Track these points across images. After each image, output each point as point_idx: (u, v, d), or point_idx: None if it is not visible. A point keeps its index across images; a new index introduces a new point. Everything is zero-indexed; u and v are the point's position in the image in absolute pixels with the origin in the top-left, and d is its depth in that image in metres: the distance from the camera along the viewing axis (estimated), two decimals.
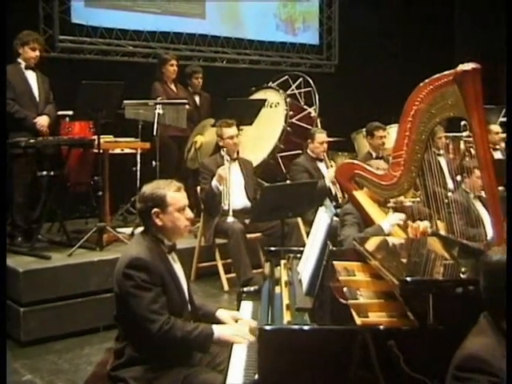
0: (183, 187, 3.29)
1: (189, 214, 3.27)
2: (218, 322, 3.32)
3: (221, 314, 3.41)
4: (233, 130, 6.01)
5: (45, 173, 5.91)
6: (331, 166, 6.82)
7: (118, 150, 6.79)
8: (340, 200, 6.43)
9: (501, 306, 2.21)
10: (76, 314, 5.20)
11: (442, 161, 7.28)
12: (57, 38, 7.84)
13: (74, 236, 6.05)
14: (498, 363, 2.07)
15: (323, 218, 3.08)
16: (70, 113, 6.24)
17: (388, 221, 4.55)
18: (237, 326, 3.23)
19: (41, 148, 5.82)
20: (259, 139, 7.46)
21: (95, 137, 5.93)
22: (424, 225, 4.44)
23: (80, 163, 6.62)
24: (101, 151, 5.95)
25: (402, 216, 4.60)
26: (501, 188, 5.86)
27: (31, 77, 6.02)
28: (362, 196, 4.79)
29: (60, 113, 6.46)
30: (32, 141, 5.57)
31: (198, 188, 6.01)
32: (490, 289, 2.24)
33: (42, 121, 5.95)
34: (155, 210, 3.16)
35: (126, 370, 3.06)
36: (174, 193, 3.19)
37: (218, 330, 3.11)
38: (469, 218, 5.33)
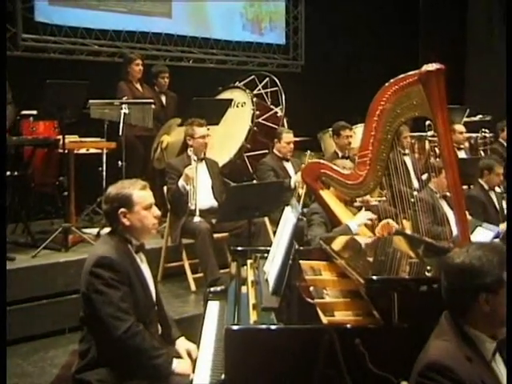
0: (148, 185, 3.28)
1: (156, 211, 3.27)
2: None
3: (179, 343, 3.40)
4: (204, 130, 5.96)
5: (8, 173, 5.82)
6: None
7: (83, 150, 6.73)
8: (302, 199, 6.45)
9: (460, 307, 2.24)
10: (41, 316, 5.14)
11: (408, 160, 7.36)
12: (20, 36, 7.71)
13: (39, 237, 5.98)
14: (458, 368, 2.10)
15: (289, 217, 3.09)
16: (34, 112, 6.16)
17: (356, 220, 4.56)
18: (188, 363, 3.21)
19: None
20: (226, 139, 7.44)
21: (60, 137, 5.86)
22: (391, 223, 4.48)
23: (45, 163, 6.54)
24: (66, 151, 5.89)
25: (370, 215, 4.61)
26: (465, 187, 5.98)
27: None
28: (328, 195, 4.80)
29: (24, 112, 6.38)
30: None
31: (165, 188, 5.98)
32: (451, 290, 2.26)
33: None
34: (122, 210, 3.14)
35: (92, 372, 3.03)
36: (139, 191, 3.18)
37: (177, 362, 3.13)
38: (435, 216, 5.39)
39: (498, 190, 6.35)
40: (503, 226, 5.56)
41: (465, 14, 11.43)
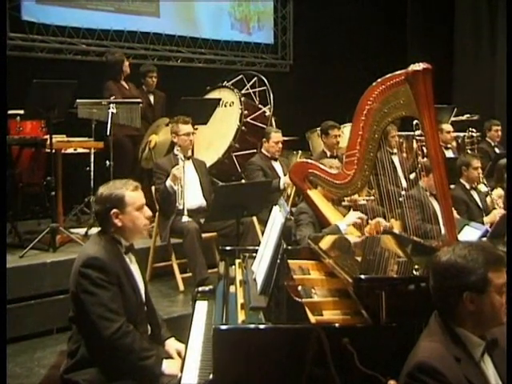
0: (140, 186, 3.28)
1: (147, 212, 3.28)
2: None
3: (169, 344, 3.39)
4: (189, 127, 5.92)
5: None
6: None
7: (70, 150, 6.70)
8: (291, 199, 6.48)
9: (447, 307, 2.24)
10: (29, 317, 5.11)
11: (396, 159, 7.38)
12: (7, 35, 7.67)
13: (27, 237, 5.96)
14: (446, 369, 2.11)
15: (277, 217, 3.08)
16: (21, 112, 6.12)
17: (345, 221, 4.54)
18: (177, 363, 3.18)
19: None
20: (214, 138, 7.43)
21: (47, 136, 5.84)
22: (382, 221, 4.47)
23: (32, 163, 6.52)
24: (53, 151, 5.86)
25: (360, 214, 4.60)
26: (452, 186, 5.99)
27: None
28: (316, 195, 4.80)
29: (11, 112, 6.34)
30: None
31: (153, 188, 5.96)
32: (437, 289, 2.26)
33: None
34: (114, 210, 3.14)
35: (80, 372, 3.02)
36: (131, 192, 3.18)
37: (166, 363, 3.12)
38: (425, 214, 5.38)
39: (484, 189, 6.37)
40: (487, 220, 5.63)
41: (452, 14, 11.46)
